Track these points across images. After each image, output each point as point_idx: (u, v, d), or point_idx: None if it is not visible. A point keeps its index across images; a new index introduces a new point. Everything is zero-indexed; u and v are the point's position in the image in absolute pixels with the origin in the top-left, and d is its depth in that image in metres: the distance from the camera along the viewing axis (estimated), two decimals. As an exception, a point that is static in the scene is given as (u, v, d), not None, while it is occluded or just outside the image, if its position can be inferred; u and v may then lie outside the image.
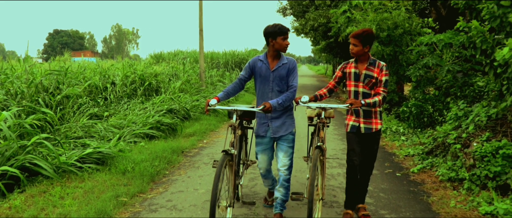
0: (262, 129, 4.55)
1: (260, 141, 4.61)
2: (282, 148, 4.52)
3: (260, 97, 4.54)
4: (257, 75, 4.52)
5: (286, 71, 4.39)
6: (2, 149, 5.63)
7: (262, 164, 4.68)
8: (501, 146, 5.72)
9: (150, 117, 9.55)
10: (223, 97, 4.40)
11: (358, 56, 4.50)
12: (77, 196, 5.05)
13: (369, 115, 4.54)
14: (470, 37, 7.69)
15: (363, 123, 4.56)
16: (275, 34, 4.27)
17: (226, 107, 4.30)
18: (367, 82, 4.47)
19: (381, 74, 4.42)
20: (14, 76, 10.73)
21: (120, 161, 6.40)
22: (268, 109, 4.09)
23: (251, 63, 4.56)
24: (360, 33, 4.36)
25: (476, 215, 4.74)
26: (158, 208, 4.90)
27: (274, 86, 4.42)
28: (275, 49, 4.36)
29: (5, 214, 4.52)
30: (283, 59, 4.42)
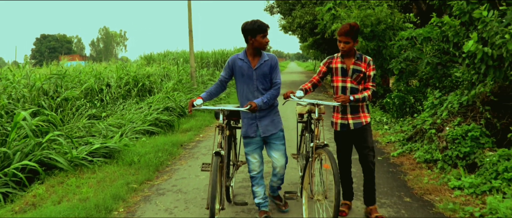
0: (251, 130, 4.39)
1: (250, 141, 4.45)
2: (275, 147, 4.43)
3: (244, 97, 4.37)
4: (238, 75, 4.35)
5: (268, 68, 4.27)
6: (20, 146, 6.20)
7: (253, 166, 4.47)
8: (470, 129, 6.40)
9: (148, 114, 10.11)
10: (206, 98, 4.29)
11: (348, 52, 4.37)
12: (92, 184, 5.63)
13: (356, 110, 4.44)
14: (443, 31, 8.37)
15: (352, 119, 4.44)
16: (254, 32, 4.14)
17: (212, 107, 4.21)
18: (355, 77, 4.38)
19: (369, 69, 4.36)
20: (16, 81, 11.21)
21: (126, 154, 6.99)
22: (254, 108, 4.02)
23: (230, 63, 4.39)
24: (349, 29, 4.22)
25: (446, 189, 5.40)
26: (165, 192, 5.51)
27: (258, 84, 4.28)
28: (255, 47, 4.23)
29: (31, 201, 5.09)
30: (264, 56, 4.30)
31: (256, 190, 4.52)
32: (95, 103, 12.84)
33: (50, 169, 6.21)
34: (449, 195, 5.18)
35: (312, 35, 25.54)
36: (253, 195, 4.57)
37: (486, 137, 6.32)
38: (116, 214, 4.72)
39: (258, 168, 4.48)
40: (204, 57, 31.95)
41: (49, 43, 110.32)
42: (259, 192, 4.51)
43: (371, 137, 4.53)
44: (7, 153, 6.02)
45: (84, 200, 4.96)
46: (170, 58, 31.56)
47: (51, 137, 6.52)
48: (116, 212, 4.78)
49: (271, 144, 4.43)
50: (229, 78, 4.47)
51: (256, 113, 4.32)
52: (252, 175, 4.50)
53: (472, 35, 6.16)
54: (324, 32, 19.31)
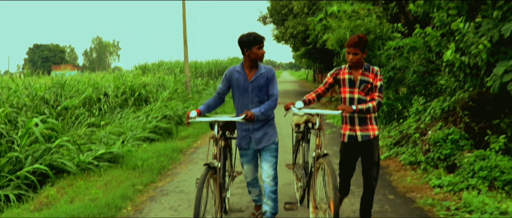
0: (244, 141, 4.42)
1: (244, 152, 4.49)
2: (265, 158, 4.41)
3: (240, 109, 4.36)
4: (234, 87, 4.36)
5: (264, 81, 4.26)
6: (31, 150, 6.63)
7: (248, 173, 4.59)
8: (450, 132, 6.90)
9: (148, 122, 10.55)
10: (204, 110, 4.31)
11: (356, 64, 4.31)
12: (99, 186, 6.06)
13: (364, 121, 4.35)
14: (426, 42, 8.90)
15: (360, 131, 4.36)
16: (250, 44, 4.13)
17: (207, 119, 4.20)
18: (362, 88, 4.32)
19: (376, 79, 4.29)
20: (19, 90, 11.61)
21: (129, 159, 7.43)
22: (250, 117, 3.99)
23: (227, 75, 4.40)
24: (357, 40, 4.20)
25: (427, 187, 5.89)
26: (168, 192, 5.95)
27: (254, 97, 4.28)
28: (251, 59, 4.21)
29: (44, 201, 5.51)
30: (261, 69, 4.29)
31: (251, 190, 4.71)
32: (94, 112, 13.26)
33: (59, 172, 6.63)
34: (429, 193, 5.66)
35: (304, 44, 26.06)
36: (249, 192, 4.76)
37: (465, 140, 6.83)
38: (125, 212, 5.15)
39: (252, 176, 4.60)
40: (198, 67, 32.39)
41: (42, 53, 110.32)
42: (255, 191, 4.70)
43: (378, 151, 4.46)
44: (19, 157, 6.44)
45: (94, 200, 5.39)
46: (165, 68, 31.96)
47: (60, 142, 6.94)
48: (125, 210, 5.22)
49: (263, 155, 4.42)
50: (227, 90, 4.47)
51: (250, 126, 4.32)
52: (248, 181, 4.64)
53: (450, 45, 6.69)
54: (316, 42, 19.87)
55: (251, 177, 4.60)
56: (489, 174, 5.66)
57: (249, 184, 4.66)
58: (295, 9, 24.05)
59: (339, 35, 15.13)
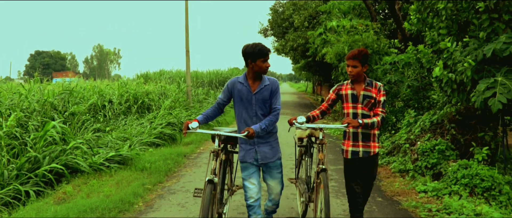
0: (249, 156, 4.22)
1: (247, 166, 4.26)
2: (272, 175, 4.30)
3: (243, 122, 4.22)
4: (237, 98, 4.20)
5: (268, 93, 4.13)
6: (47, 151, 7.13)
7: (251, 192, 4.21)
8: (437, 143, 7.43)
9: (153, 128, 11.07)
10: (202, 121, 4.18)
11: (357, 77, 4.32)
12: (112, 185, 6.56)
13: (367, 138, 4.35)
14: (418, 58, 9.45)
15: (362, 147, 4.35)
16: (254, 56, 3.99)
17: (209, 132, 4.15)
18: (366, 104, 4.30)
19: (379, 94, 4.29)
20: (30, 96, 12.11)
21: (137, 162, 7.93)
22: (251, 134, 3.87)
23: (229, 86, 4.25)
24: (357, 53, 4.22)
25: (413, 192, 6.41)
26: (175, 191, 6.46)
27: (257, 110, 4.14)
28: (255, 71, 4.09)
29: (62, 197, 6.01)
30: (265, 81, 4.16)
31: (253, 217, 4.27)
32: (99, 119, 13.75)
33: (73, 172, 7.13)
34: (414, 197, 6.18)
35: (304, 57, 26.63)
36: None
37: (451, 150, 7.36)
38: (137, 207, 5.66)
39: (256, 195, 4.21)
40: (199, 77, 32.74)
41: (43, 60, 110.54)
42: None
43: (376, 168, 4.52)
44: (37, 157, 6.94)
45: (108, 196, 5.89)
46: (166, 77, 32.36)
47: (74, 144, 7.45)
48: (137, 205, 5.73)
49: (270, 171, 4.28)
50: (228, 101, 4.33)
51: (255, 139, 4.17)
52: (249, 203, 4.21)
53: (438, 63, 7.24)
54: (316, 55, 20.43)
55: (255, 196, 4.20)
56: (470, 181, 6.19)
57: (251, 209, 4.22)
58: (295, 22, 24.67)
59: (338, 50, 15.71)
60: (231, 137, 4.28)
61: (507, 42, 5.90)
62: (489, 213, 4.93)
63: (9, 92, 12.74)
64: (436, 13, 7.89)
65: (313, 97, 40.58)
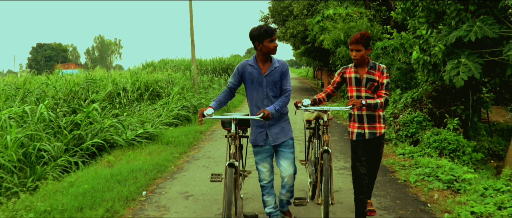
0: (260, 138, 4.27)
1: (259, 150, 4.32)
2: (284, 155, 4.30)
3: (254, 105, 4.25)
4: (248, 81, 4.24)
5: (279, 75, 4.17)
6: (89, 130, 8.52)
7: (264, 175, 4.32)
8: (416, 116, 8.82)
9: (170, 111, 12.45)
10: (216, 107, 4.17)
11: (361, 61, 4.37)
12: (145, 155, 7.94)
13: (373, 119, 4.42)
14: (402, 44, 10.76)
15: (368, 128, 4.43)
16: (261, 37, 4.02)
17: (224, 117, 4.17)
18: (369, 86, 4.35)
19: (382, 77, 4.33)
20: (58, 86, 13.46)
21: (162, 137, 9.33)
22: (267, 115, 3.87)
23: (240, 69, 4.26)
24: (359, 37, 4.28)
25: (393, 155, 7.80)
26: (199, 158, 7.89)
27: (268, 91, 4.17)
28: (264, 53, 4.11)
29: (107, 164, 7.37)
30: (275, 63, 4.18)
31: (266, 199, 4.42)
32: (115, 105, 15.08)
33: (111, 146, 8.52)
34: (394, 158, 7.59)
35: (303, 43, 27.77)
36: (263, 204, 4.49)
37: (427, 121, 8.74)
38: (171, 169, 7.08)
39: (269, 177, 4.33)
40: (203, 64, 33.69)
41: (45, 52, 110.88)
42: (270, 201, 4.42)
43: (383, 148, 4.63)
44: (81, 134, 8.32)
45: (146, 162, 7.28)
46: (171, 66, 33.35)
47: (110, 123, 8.85)
48: (170, 168, 7.15)
49: (280, 152, 4.31)
50: (238, 85, 4.36)
51: (266, 122, 4.22)
52: (263, 184, 4.36)
53: (415, 47, 8.57)
54: (314, 42, 21.66)
55: (267, 178, 4.34)
56: (440, 145, 7.58)
57: (265, 189, 4.39)
58: (295, 11, 25.82)
59: (334, 36, 17.00)
60: (241, 121, 4.34)
61: (468, 30, 7.17)
62: (447, 165, 6.30)
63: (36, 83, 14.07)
64: (417, 4, 9.15)
65: (314, 82, 41.90)
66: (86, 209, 4.84)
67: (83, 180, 5.97)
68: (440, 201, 5.16)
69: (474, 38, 6.94)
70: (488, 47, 7.54)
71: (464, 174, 5.82)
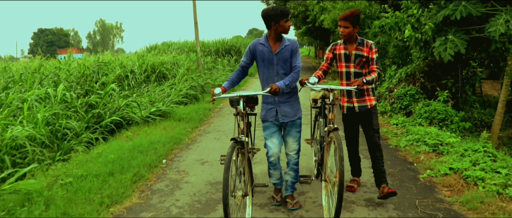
0: (270, 114, 4.39)
1: (268, 125, 4.44)
2: (291, 133, 4.45)
3: (265, 82, 4.37)
4: (259, 60, 4.37)
5: (289, 53, 4.27)
6: (107, 108, 9.24)
7: (272, 150, 4.41)
8: (409, 89, 9.50)
9: (179, 90, 13.16)
10: (229, 87, 4.29)
11: (348, 37, 4.52)
12: (160, 130, 8.67)
13: (361, 93, 4.60)
14: (397, 22, 11.37)
15: (357, 102, 4.62)
16: (277, 17, 4.14)
17: (231, 95, 4.19)
18: (358, 62, 4.51)
19: (371, 52, 4.47)
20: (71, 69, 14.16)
21: (174, 115, 10.05)
22: (275, 90, 3.95)
23: (251, 48, 4.40)
24: (348, 15, 4.40)
25: (387, 125, 8.51)
26: (210, 131, 8.64)
27: (279, 69, 4.29)
28: (279, 32, 4.24)
29: (126, 139, 8.09)
30: (285, 41, 4.30)
31: (272, 173, 4.57)
32: (124, 87, 15.78)
33: (127, 123, 9.25)
34: (387, 127, 8.31)
35: (305, 23, 28.30)
36: (269, 176, 4.64)
37: (420, 94, 9.43)
38: (185, 141, 7.83)
39: (277, 153, 4.44)
40: (206, 46, 34.17)
41: (46, 37, 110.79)
42: (276, 174, 4.57)
43: (376, 119, 4.75)
44: (100, 113, 9.04)
45: (162, 136, 8.00)
46: (174, 48, 33.85)
47: (126, 102, 9.57)
48: (185, 140, 7.90)
49: (288, 129, 4.45)
50: (251, 63, 4.47)
51: (276, 98, 4.33)
52: (270, 160, 4.46)
53: (407, 26, 9.21)
54: (315, 21, 22.21)
55: (275, 154, 4.43)
56: (430, 115, 8.28)
57: (271, 163, 4.49)
58: (296, -9, 26.32)
59: (334, 16, 17.56)
60: (250, 99, 4.38)
61: (454, 9, 7.79)
62: (434, 132, 7.01)
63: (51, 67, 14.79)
64: (410, -16, 9.75)
65: (316, 61, 42.51)
66: (117, 174, 5.57)
67: (109, 151, 6.69)
68: (425, 161, 5.88)
69: (459, 17, 7.54)
70: (476, 24, 8.16)
71: (448, 138, 6.54)
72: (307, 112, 9.93)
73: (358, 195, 4.84)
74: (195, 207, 4.64)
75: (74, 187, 4.99)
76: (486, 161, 5.28)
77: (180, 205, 4.71)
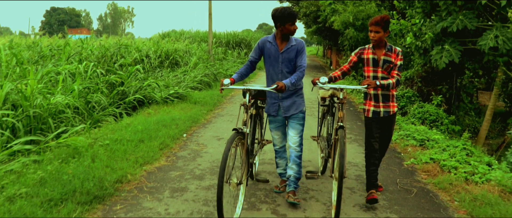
0: (272, 109, 4.63)
1: (273, 119, 4.70)
2: (292, 125, 4.60)
3: (270, 79, 4.58)
4: (266, 57, 4.55)
5: (294, 53, 4.42)
6: (130, 88, 10.16)
7: (276, 141, 4.79)
8: (406, 92, 10.40)
9: (194, 77, 14.08)
10: (237, 79, 4.47)
11: (378, 42, 4.53)
12: (178, 110, 9.59)
13: (387, 99, 4.66)
14: (401, 30, 12.21)
15: (382, 107, 4.66)
16: (284, 20, 4.27)
17: (239, 87, 4.37)
18: (386, 68, 4.54)
19: (397, 58, 4.52)
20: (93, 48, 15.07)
21: (190, 98, 10.97)
22: (281, 88, 4.11)
23: (260, 44, 4.57)
24: (379, 20, 4.42)
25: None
26: (223, 115, 9.58)
27: (283, 67, 4.45)
28: (283, 33, 4.38)
29: (147, 115, 9.00)
30: (292, 41, 4.44)
31: (279, 162, 4.88)
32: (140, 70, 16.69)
33: (148, 102, 10.17)
34: (383, 124, 9.17)
35: (315, 23, 29.09)
36: (276, 165, 4.96)
37: (416, 97, 10.32)
38: (201, 121, 8.76)
39: (281, 144, 4.79)
40: (217, 37, 34.95)
41: (58, 16, 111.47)
42: (282, 164, 4.87)
43: (394, 126, 4.92)
44: (124, 90, 9.97)
45: (181, 115, 8.92)
46: (186, 37, 34.62)
47: (148, 83, 10.50)
48: (201, 120, 8.82)
49: (291, 123, 4.62)
50: (259, 59, 4.65)
51: (280, 94, 4.50)
52: (276, 149, 4.84)
53: (409, 33, 10.09)
54: (326, 22, 23.01)
55: (279, 144, 4.79)
56: (422, 116, 9.17)
57: (277, 152, 4.85)
58: (309, -9, 27.15)
59: (344, 18, 18.41)
60: (261, 92, 4.64)
61: (451, 21, 8.65)
62: (423, 129, 7.91)
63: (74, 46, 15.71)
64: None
65: (323, 60, 43.38)
66: (146, 141, 6.51)
67: (136, 123, 7.62)
68: (411, 152, 6.80)
69: (455, 29, 8.41)
70: (472, 37, 9.01)
71: (434, 136, 7.44)
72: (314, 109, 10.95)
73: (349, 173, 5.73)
74: (215, 171, 5.58)
75: (111, 148, 5.93)
76: (462, 155, 6.18)
77: (202, 168, 5.65)
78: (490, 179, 5.19)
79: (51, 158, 5.19)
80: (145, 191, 4.75)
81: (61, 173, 4.66)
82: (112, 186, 4.68)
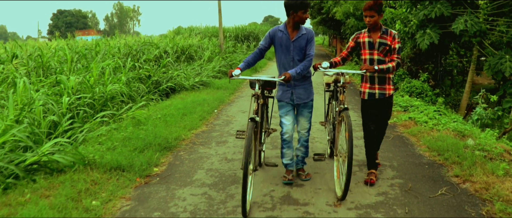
0: (285, 96, 4.69)
1: (284, 104, 4.74)
2: (303, 113, 4.77)
3: (282, 67, 4.63)
4: (277, 45, 4.60)
5: (305, 42, 4.48)
6: (162, 78, 12.00)
7: (287, 127, 4.71)
8: (400, 73, 12.14)
9: (213, 67, 15.91)
10: (244, 68, 4.49)
11: (374, 26, 4.57)
12: (205, 94, 11.40)
13: (383, 81, 4.69)
14: (393, 18, 13.91)
15: (378, 89, 4.70)
16: (296, 8, 4.33)
17: (249, 77, 4.49)
18: (381, 50, 4.57)
19: (394, 42, 4.54)
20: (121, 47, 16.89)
21: (212, 85, 12.81)
22: (288, 78, 4.22)
23: (271, 33, 4.62)
24: (373, 4, 4.45)
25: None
26: (243, 96, 11.46)
27: (295, 55, 4.52)
28: (295, 21, 4.44)
29: (181, 99, 10.80)
30: (302, 30, 4.50)
31: (285, 152, 4.85)
32: (172, 63, 18.42)
33: (177, 90, 12.01)
34: (377, 98, 10.95)
35: (319, 14, 30.68)
36: (281, 155, 4.93)
37: (406, 75, 12.07)
38: (226, 101, 10.63)
39: (290, 131, 4.73)
40: (226, 32, 36.25)
41: (65, 18, 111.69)
42: (288, 154, 4.85)
43: (391, 108, 4.92)
44: (158, 80, 11.81)
45: (209, 97, 10.72)
46: (196, 33, 36.08)
47: (177, 73, 12.36)
48: (226, 101, 10.67)
49: (301, 110, 4.76)
50: (268, 47, 4.70)
51: (292, 82, 4.57)
52: (284, 138, 4.76)
53: (398, 21, 11.83)
54: (329, 13, 24.63)
55: (288, 130, 4.73)
56: (410, 89, 10.94)
57: (285, 141, 4.79)
58: (312, -16, 28.71)
59: (345, 9, 20.08)
60: (268, 83, 4.69)
61: (431, 9, 10.37)
62: (408, 98, 9.70)
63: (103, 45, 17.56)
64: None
65: (329, 49, 45.06)
66: (188, 115, 8.36)
67: (175, 104, 9.47)
68: (395, 115, 8.56)
69: (433, 16, 10.14)
70: (450, 22, 10.72)
71: (415, 102, 9.22)
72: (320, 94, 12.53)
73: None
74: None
75: (164, 119, 7.78)
76: (435, 115, 7.96)
77: (234, 131, 7.50)
78: (449, 128, 6.99)
79: (126, 125, 7.06)
80: (198, 144, 6.64)
81: (136, 134, 6.52)
82: (174, 141, 6.53)
